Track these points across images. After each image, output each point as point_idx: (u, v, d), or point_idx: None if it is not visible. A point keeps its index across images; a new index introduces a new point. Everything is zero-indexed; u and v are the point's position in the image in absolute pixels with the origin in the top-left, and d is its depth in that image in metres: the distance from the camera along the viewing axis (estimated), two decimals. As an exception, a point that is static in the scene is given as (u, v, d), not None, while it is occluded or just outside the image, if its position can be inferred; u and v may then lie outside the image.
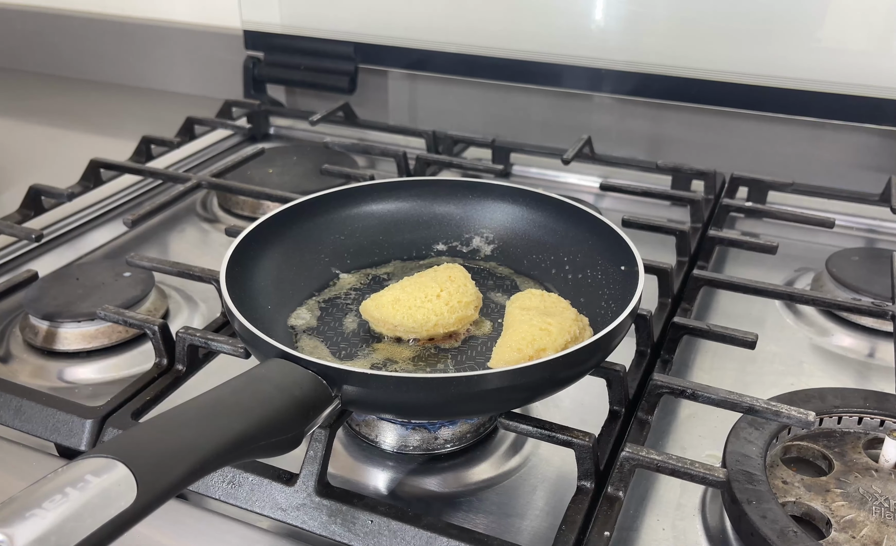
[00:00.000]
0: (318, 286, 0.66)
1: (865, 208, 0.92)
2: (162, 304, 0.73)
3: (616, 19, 1.02)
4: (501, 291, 0.66)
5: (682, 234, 0.79)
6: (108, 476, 0.34)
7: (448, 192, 0.73)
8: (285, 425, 0.43)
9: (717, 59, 0.98)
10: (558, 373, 0.50)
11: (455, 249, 0.71)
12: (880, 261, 0.79)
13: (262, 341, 0.50)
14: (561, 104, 1.09)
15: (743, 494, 0.49)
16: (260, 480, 0.51)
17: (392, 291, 0.60)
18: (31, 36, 1.43)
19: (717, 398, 0.54)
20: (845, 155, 0.98)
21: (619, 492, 0.50)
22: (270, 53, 1.23)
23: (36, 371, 0.66)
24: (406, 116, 1.20)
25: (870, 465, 0.54)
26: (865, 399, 0.58)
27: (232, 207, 0.94)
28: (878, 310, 0.68)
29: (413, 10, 1.11)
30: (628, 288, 0.57)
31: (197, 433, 0.38)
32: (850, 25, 0.92)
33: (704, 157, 1.00)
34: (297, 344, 0.60)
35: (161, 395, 0.60)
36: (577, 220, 0.67)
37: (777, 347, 0.71)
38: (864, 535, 0.49)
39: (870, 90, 0.93)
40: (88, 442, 0.56)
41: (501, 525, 0.52)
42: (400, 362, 0.57)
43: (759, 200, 0.93)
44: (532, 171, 1.05)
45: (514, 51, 1.08)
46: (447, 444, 0.57)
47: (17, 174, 1.03)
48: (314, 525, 0.50)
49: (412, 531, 0.48)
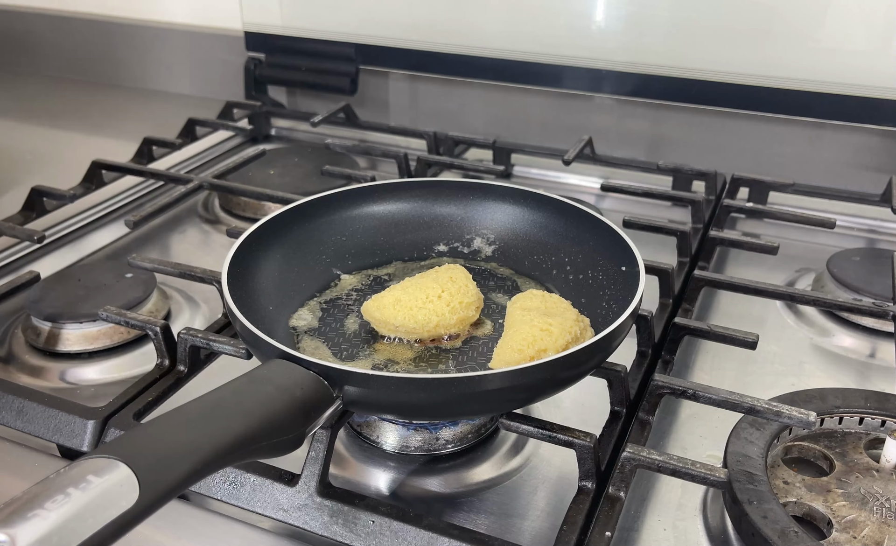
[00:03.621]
0: (319, 287, 0.66)
1: (866, 209, 0.92)
2: (164, 305, 0.73)
3: (616, 20, 1.02)
4: (502, 292, 0.66)
5: (683, 235, 0.79)
6: (109, 477, 0.34)
7: (449, 193, 0.73)
8: (287, 426, 0.43)
9: (717, 60, 0.98)
10: (559, 373, 0.50)
11: (456, 250, 0.72)
12: (881, 261, 0.79)
13: (264, 342, 0.50)
14: (561, 105, 1.09)
15: (744, 495, 0.49)
16: (261, 481, 0.51)
17: (393, 292, 0.60)
18: (33, 38, 1.44)
19: (717, 398, 0.54)
20: (845, 155, 0.98)
21: (621, 492, 0.50)
22: (271, 55, 1.23)
23: (38, 372, 0.66)
24: (407, 117, 1.20)
25: (871, 466, 0.54)
26: (866, 399, 0.58)
27: (233, 208, 0.95)
28: (879, 310, 0.68)
29: (414, 11, 1.12)
30: (629, 288, 0.57)
31: (198, 434, 0.38)
32: (850, 26, 0.92)
33: (705, 158, 1.00)
34: (299, 345, 0.60)
35: (163, 395, 0.60)
36: (578, 220, 0.67)
37: (778, 348, 0.71)
38: (865, 535, 0.49)
39: (870, 90, 0.93)
40: (90, 443, 0.56)
41: (503, 525, 0.52)
42: (401, 363, 0.58)
43: (760, 201, 0.93)
44: (533, 172, 1.05)
45: (515, 52, 1.08)
46: (448, 445, 0.57)
47: (18, 175, 1.03)
48: (316, 526, 0.50)
49: (413, 532, 0.48)
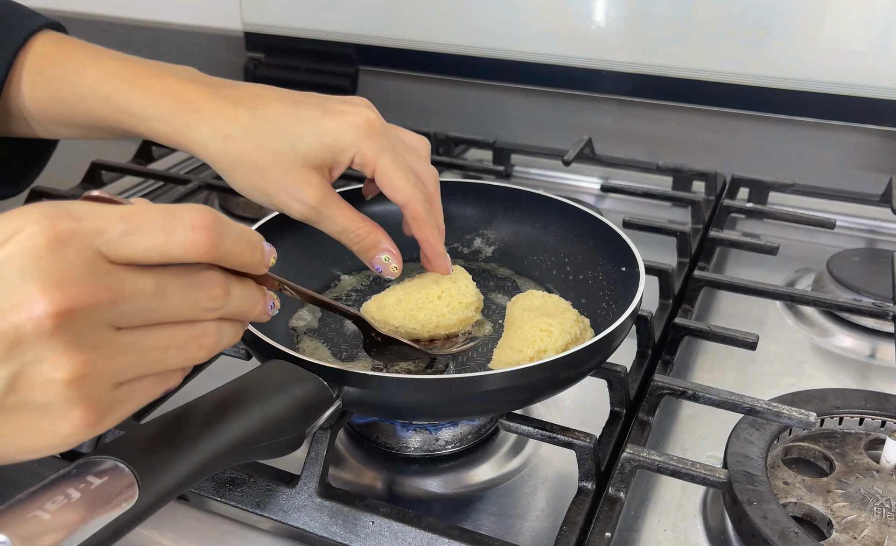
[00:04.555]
0: (319, 287, 0.66)
1: (866, 209, 0.92)
2: (163, 305, 0.73)
3: (616, 20, 1.02)
4: (502, 292, 0.66)
5: (683, 235, 0.79)
6: (109, 477, 0.34)
7: (449, 193, 0.73)
8: (286, 426, 0.43)
9: (717, 60, 0.98)
10: (559, 374, 0.50)
11: (456, 250, 0.72)
12: (881, 261, 0.79)
13: (264, 342, 0.50)
14: (561, 105, 1.09)
15: (744, 495, 0.49)
16: (261, 482, 0.51)
17: (394, 292, 0.60)
18: (32, 38, 1.43)
19: (717, 399, 0.54)
20: (845, 155, 0.98)
21: (620, 493, 0.50)
22: (271, 55, 1.23)
23: (37, 372, 0.66)
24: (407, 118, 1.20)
25: (871, 466, 0.54)
26: (866, 400, 0.58)
27: (233, 209, 0.94)
28: (879, 310, 0.68)
29: (413, 11, 1.12)
30: (629, 289, 0.57)
31: (198, 434, 0.38)
32: (849, 26, 0.92)
33: (705, 158, 1.00)
34: (299, 345, 0.60)
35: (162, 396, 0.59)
36: (578, 221, 0.67)
37: (778, 348, 0.71)
38: (865, 535, 0.49)
39: (869, 90, 0.93)
40: (90, 443, 0.56)
41: (502, 526, 0.52)
42: (401, 364, 0.57)
43: (760, 201, 0.93)
44: (533, 172, 1.05)
45: (515, 52, 1.08)
46: (448, 446, 0.57)
47: (18, 176, 1.03)
48: (315, 526, 0.50)
49: (413, 532, 0.48)
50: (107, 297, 0.33)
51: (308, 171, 0.55)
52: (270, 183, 0.55)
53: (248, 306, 0.40)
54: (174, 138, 0.56)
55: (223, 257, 0.37)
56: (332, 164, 0.57)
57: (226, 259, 0.37)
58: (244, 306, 0.40)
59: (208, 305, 0.37)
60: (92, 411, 0.34)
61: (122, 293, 0.34)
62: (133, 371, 0.35)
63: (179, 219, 0.35)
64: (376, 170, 0.56)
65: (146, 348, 0.35)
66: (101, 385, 0.34)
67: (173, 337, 0.36)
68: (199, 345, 0.37)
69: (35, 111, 0.58)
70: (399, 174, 0.56)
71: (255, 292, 0.41)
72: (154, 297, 0.35)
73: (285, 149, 0.55)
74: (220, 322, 0.38)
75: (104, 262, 0.33)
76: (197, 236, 0.35)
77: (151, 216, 0.34)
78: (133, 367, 0.35)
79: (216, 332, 0.38)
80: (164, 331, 0.36)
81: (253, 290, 0.41)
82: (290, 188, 0.55)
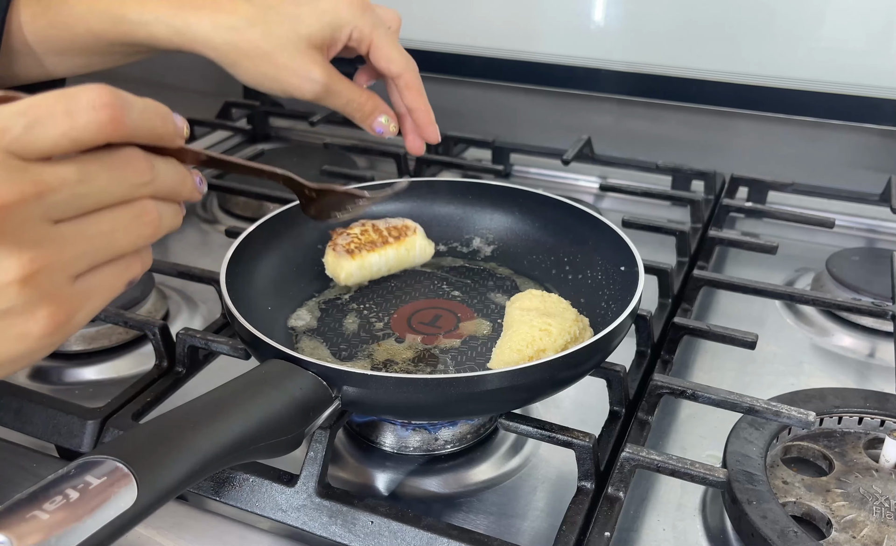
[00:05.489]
0: (318, 287, 0.66)
1: (865, 208, 0.92)
2: (162, 305, 0.73)
3: (616, 19, 1.02)
4: (501, 292, 0.66)
5: (682, 235, 0.79)
6: (108, 477, 0.34)
7: (448, 192, 0.73)
8: (285, 426, 0.43)
9: (717, 60, 0.98)
10: (558, 373, 0.50)
11: (455, 250, 0.72)
12: (880, 261, 0.79)
13: (263, 342, 0.50)
14: (561, 104, 1.09)
15: (743, 495, 0.49)
16: (260, 481, 0.51)
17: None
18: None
19: (717, 398, 0.54)
20: (845, 155, 0.98)
21: (620, 492, 0.50)
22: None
23: (36, 372, 0.66)
24: (406, 117, 1.20)
25: (870, 466, 0.54)
26: (866, 399, 0.58)
27: (232, 208, 0.94)
28: (879, 310, 0.68)
29: (412, 10, 1.11)
30: (628, 288, 0.57)
31: (197, 434, 0.38)
32: (850, 25, 0.92)
33: (704, 158, 0.99)
34: (298, 345, 0.60)
35: (161, 396, 0.60)
36: (578, 220, 0.67)
37: (777, 347, 0.71)
38: (865, 535, 0.49)
39: (869, 90, 0.93)
40: (89, 443, 0.56)
41: (502, 526, 0.52)
42: (400, 363, 0.58)
43: (759, 201, 0.93)
44: (532, 172, 1.05)
45: (515, 51, 1.08)
46: (447, 445, 0.57)
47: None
48: (314, 526, 0.50)
49: (413, 532, 0.48)
50: (31, 191, 0.33)
51: (312, 51, 0.58)
52: (280, 68, 0.58)
53: (177, 183, 0.39)
54: (176, 40, 0.58)
55: (134, 132, 0.36)
56: (331, 43, 0.60)
57: (137, 133, 0.36)
58: (173, 183, 0.39)
59: (136, 180, 0.37)
60: (56, 307, 0.34)
61: (46, 185, 0.33)
62: (86, 260, 0.36)
63: (78, 101, 0.34)
64: (372, 43, 0.60)
65: (91, 236, 0.35)
66: (57, 280, 0.34)
67: (116, 219, 0.36)
68: (142, 222, 0.37)
69: (37, 43, 0.60)
70: (393, 47, 0.61)
71: (181, 168, 0.40)
72: (80, 183, 0.34)
73: (289, 32, 0.58)
74: (157, 201, 0.38)
75: (17, 160, 0.33)
76: (100, 114, 0.34)
77: (49, 104, 0.33)
78: (85, 257, 0.35)
79: (155, 209, 0.38)
80: (105, 215, 0.36)
81: (178, 166, 0.40)
82: (300, 70, 0.58)
